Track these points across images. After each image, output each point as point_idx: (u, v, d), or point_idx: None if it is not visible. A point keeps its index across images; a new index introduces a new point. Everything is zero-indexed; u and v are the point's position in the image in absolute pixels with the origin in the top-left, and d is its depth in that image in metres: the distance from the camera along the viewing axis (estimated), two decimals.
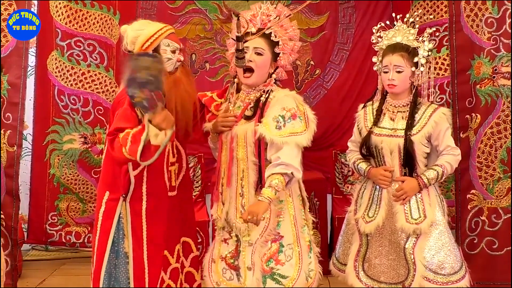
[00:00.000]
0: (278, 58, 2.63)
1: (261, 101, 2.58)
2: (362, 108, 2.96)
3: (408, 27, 2.82)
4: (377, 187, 2.83)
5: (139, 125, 2.44)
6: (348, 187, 4.31)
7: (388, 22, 2.90)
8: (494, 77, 3.40)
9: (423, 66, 2.75)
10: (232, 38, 2.64)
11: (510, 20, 3.37)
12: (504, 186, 3.44)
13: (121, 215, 2.61)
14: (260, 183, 2.54)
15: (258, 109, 2.57)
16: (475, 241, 3.49)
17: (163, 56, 2.56)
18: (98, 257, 2.64)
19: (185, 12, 4.66)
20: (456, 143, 3.04)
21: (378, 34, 2.89)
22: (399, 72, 2.73)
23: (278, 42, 2.61)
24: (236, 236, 2.64)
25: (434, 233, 2.72)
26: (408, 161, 2.74)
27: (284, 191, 2.56)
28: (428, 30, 2.84)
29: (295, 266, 2.57)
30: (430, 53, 2.78)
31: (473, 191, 3.49)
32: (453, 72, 3.55)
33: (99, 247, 2.64)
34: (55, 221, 4.31)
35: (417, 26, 2.85)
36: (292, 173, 2.47)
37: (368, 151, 2.83)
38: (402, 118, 2.78)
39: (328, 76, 4.71)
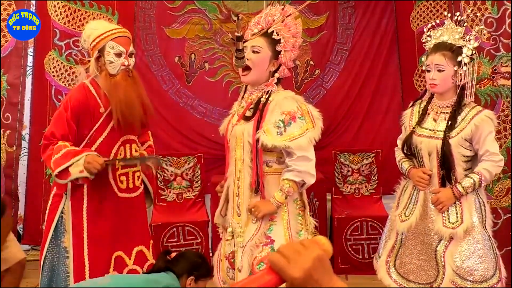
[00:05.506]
0: (280, 55, 2.62)
1: (261, 102, 2.57)
2: (411, 106, 2.88)
3: (456, 25, 2.72)
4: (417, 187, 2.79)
5: (69, 132, 2.62)
6: (347, 187, 4.30)
7: (438, 22, 2.82)
8: (493, 77, 3.40)
9: (466, 66, 2.64)
10: (232, 38, 2.63)
11: (509, 20, 3.36)
12: (503, 186, 3.43)
13: (63, 211, 2.72)
14: (258, 186, 2.53)
15: (257, 110, 2.56)
16: None
17: (106, 58, 2.67)
18: (42, 248, 2.78)
19: (184, 12, 4.64)
20: None
21: (428, 33, 2.80)
22: (440, 71, 2.66)
23: (279, 40, 2.60)
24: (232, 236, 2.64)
25: (467, 239, 2.65)
26: (446, 164, 2.65)
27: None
28: (476, 28, 2.77)
29: None
30: (474, 51, 2.67)
31: None
32: None
33: (43, 239, 2.77)
34: None
35: (465, 24, 2.76)
36: (303, 180, 2.51)
37: (410, 150, 2.78)
38: (445, 119, 2.70)
39: (327, 76, 4.70)
